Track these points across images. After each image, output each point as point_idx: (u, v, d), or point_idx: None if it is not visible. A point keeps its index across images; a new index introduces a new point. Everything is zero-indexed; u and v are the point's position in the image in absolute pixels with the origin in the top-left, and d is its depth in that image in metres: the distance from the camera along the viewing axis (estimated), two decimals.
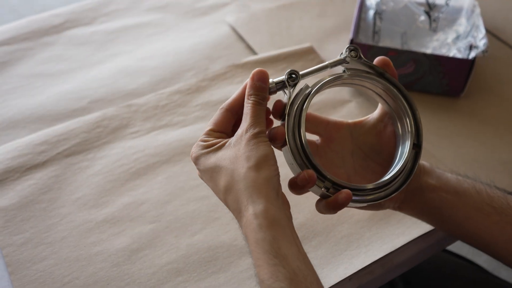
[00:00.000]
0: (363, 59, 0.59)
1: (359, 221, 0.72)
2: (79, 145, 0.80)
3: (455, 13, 0.98)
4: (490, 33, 1.04)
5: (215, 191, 0.55)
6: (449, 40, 0.96)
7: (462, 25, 0.97)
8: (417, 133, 0.60)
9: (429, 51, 0.95)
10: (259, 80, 0.55)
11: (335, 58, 0.59)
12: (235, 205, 0.52)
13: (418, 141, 0.60)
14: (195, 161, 0.56)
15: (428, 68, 0.88)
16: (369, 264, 0.68)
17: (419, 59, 0.87)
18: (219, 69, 0.94)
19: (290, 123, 0.55)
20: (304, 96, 0.56)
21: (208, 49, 0.99)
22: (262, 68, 0.56)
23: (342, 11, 1.08)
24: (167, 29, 1.04)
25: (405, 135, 0.60)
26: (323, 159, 0.62)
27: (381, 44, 0.97)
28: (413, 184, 0.60)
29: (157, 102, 0.87)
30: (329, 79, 0.58)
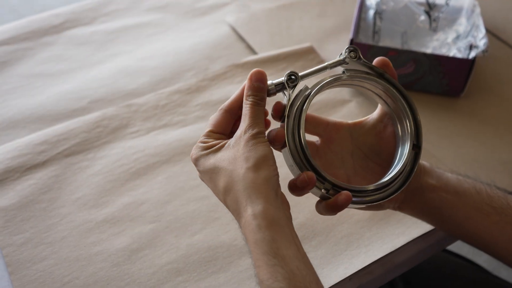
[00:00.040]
0: (363, 59, 0.59)
1: (359, 221, 0.72)
2: (79, 145, 0.80)
3: (455, 13, 0.98)
4: (490, 32, 1.04)
5: (214, 192, 0.56)
6: (449, 40, 0.96)
7: (462, 24, 0.97)
8: (416, 134, 0.60)
9: (429, 51, 0.95)
10: (257, 80, 0.55)
11: (335, 59, 0.59)
12: (235, 205, 0.52)
13: (417, 141, 0.59)
14: (195, 162, 0.56)
15: (428, 68, 0.88)
16: (369, 264, 0.68)
17: (419, 59, 0.87)
18: (219, 69, 0.94)
19: (289, 124, 0.55)
20: (303, 97, 0.56)
21: (208, 49, 0.99)
22: (262, 67, 0.56)
23: (342, 11, 1.08)
24: (167, 29, 1.04)
25: (404, 136, 0.60)
26: (323, 159, 0.62)
27: (381, 44, 0.97)
28: (413, 184, 0.60)
29: (157, 102, 0.87)
30: (329, 80, 0.57)
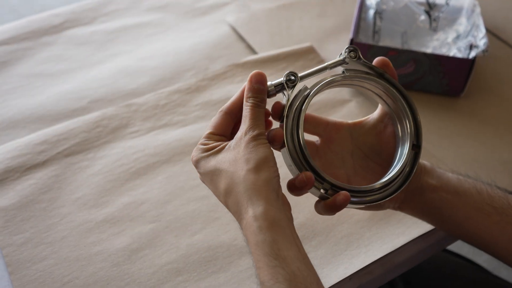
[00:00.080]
0: (363, 59, 0.59)
1: (359, 221, 0.72)
2: (79, 145, 0.80)
3: (455, 13, 0.98)
4: (490, 32, 1.04)
5: (216, 194, 0.56)
6: (449, 39, 0.96)
7: (462, 24, 0.97)
8: (416, 134, 0.60)
9: (429, 51, 0.95)
10: (257, 82, 0.55)
11: (335, 59, 0.59)
12: (236, 207, 0.52)
13: (417, 141, 0.59)
14: (196, 164, 0.56)
15: (428, 67, 0.88)
16: (369, 264, 0.68)
17: (419, 58, 0.87)
18: (219, 68, 0.94)
19: (288, 124, 0.55)
20: (303, 97, 0.56)
21: (208, 49, 0.99)
22: (262, 67, 0.56)
23: (342, 11, 1.08)
24: (167, 29, 1.04)
25: (404, 136, 0.60)
26: (322, 159, 0.62)
27: (381, 43, 0.97)
28: (413, 184, 0.60)
29: (156, 101, 0.87)
30: (328, 80, 0.57)
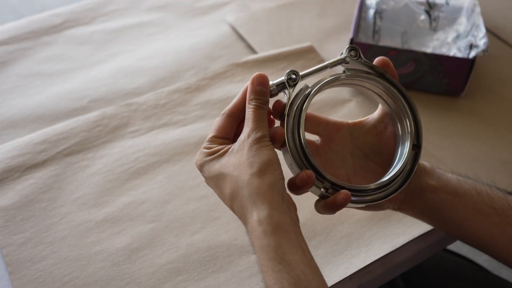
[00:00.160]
0: (363, 59, 0.59)
1: (360, 220, 0.72)
2: (78, 144, 0.80)
3: (455, 12, 0.98)
4: (490, 32, 1.04)
5: (221, 198, 0.55)
6: (449, 39, 0.96)
7: (462, 24, 0.97)
8: (416, 134, 0.60)
9: (429, 51, 0.95)
10: (259, 84, 0.55)
11: (335, 58, 0.59)
12: (241, 211, 0.52)
13: (417, 141, 0.59)
14: (200, 168, 0.56)
15: (428, 67, 0.88)
16: (370, 263, 0.68)
17: (419, 58, 0.87)
18: (219, 68, 0.93)
19: (289, 123, 0.55)
20: (303, 96, 0.56)
21: (208, 49, 0.99)
22: (262, 67, 0.56)
23: (342, 11, 1.08)
24: (167, 29, 1.04)
25: (404, 136, 0.60)
26: (323, 159, 0.62)
27: (381, 43, 0.97)
28: (413, 184, 0.60)
29: (156, 101, 0.87)
30: (329, 80, 0.57)
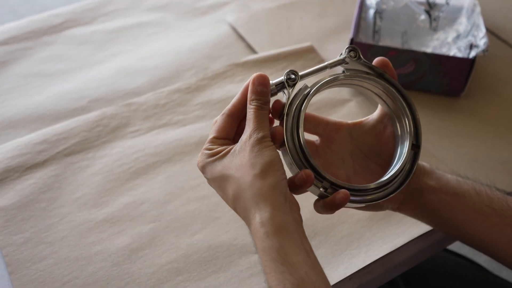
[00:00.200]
0: (363, 59, 0.59)
1: (360, 220, 0.72)
2: (79, 144, 0.80)
3: (456, 12, 0.98)
4: (490, 32, 1.04)
5: (224, 199, 0.55)
6: (450, 39, 0.96)
7: (462, 24, 0.97)
8: (416, 134, 0.60)
9: (429, 50, 0.95)
10: (260, 84, 0.54)
11: (335, 58, 0.59)
12: (244, 213, 0.52)
13: (417, 141, 0.59)
14: (202, 170, 0.56)
15: (428, 67, 0.88)
16: (370, 263, 0.68)
17: (419, 58, 0.87)
18: (219, 68, 0.94)
19: (288, 123, 0.55)
20: (303, 96, 0.56)
21: (208, 49, 0.99)
22: (262, 67, 0.56)
23: (342, 11, 1.08)
24: (167, 29, 1.04)
25: (404, 136, 0.60)
26: (322, 159, 0.62)
27: (382, 43, 0.97)
28: (412, 185, 0.60)
29: (156, 101, 0.87)
30: (328, 80, 0.57)
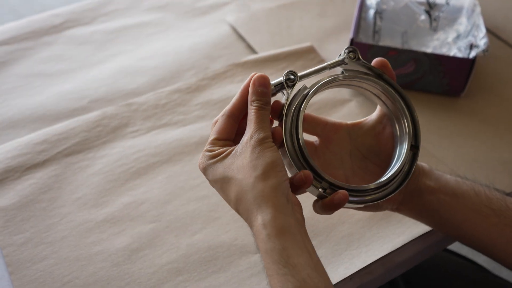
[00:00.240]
0: (362, 60, 0.59)
1: (360, 220, 0.72)
2: (79, 144, 0.80)
3: (456, 12, 0.98)
4: (490, 32, 1.04)
5: (226, 201, 0.55)
6: (450, 39, 0.96)
7: (462, 24, 0.97)
8: (414, 135, 0.60)
9: (429, 51, 0.95)
10: (261, 85, 0.54)
11: (334, 59, 0.59)
12: (246, 214, 0.52)
13: (416, 142, 0.59)
14: (203, 171, 0.56)
15: (428, 67, 0.88)
16: (370, 263, 0.68)
17: (419, 58, 0.87)
18: (219, 68, 0.94)
19: (287, 123, 0.55)
20: (302, 97, 0.56)
21: (208, 49, 0.99)
22: (262, 67, 0.56)
23: (342, 11, 1.08)
24: (167, 29, 1.04)
25: (403, 137, 0.60)
26: (321, 160, 0.62)
27: (382, 43, 0.97)
28: (411, 185, 0.60)
29: (157, 101, 0.87)
30: (327, 80, 0.58)
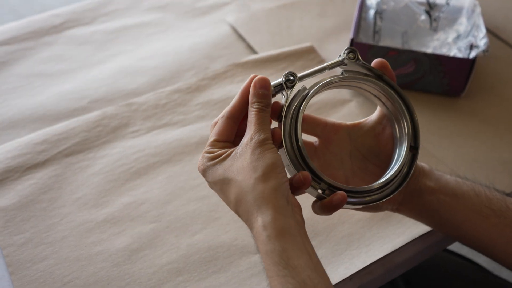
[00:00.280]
0: (361, 61, 0.59)
1: (360, 220, 0.72)
2: (79, 144, 0.80)
3: (456, 13, 0.98)
4: (490, 32, 1.04)
5: (226, 203, 0.55)
6: (450, 39, 0.96)
7: (462, 24, 0.97)
8: (414, 136, 0.60)
9: (429, 51, 0.95)
10: (262, 87, 0.54)
11: (333, 60, 0.59)
12: (246, 216, 0.52)
13: (415, 143, 0.59)
14: (203, 173, 0.56)
15: (428, 67, 0.88)
16: (370, 264, 0.68)
17: (419, 58, 0.87)
18: (219, 68, 0.94)
19: (286, 125, 0.55)
20: (301, 98, 0.56)
21: (208, 49, 0.99)
22: (262, 67, 0.56)
23: (342, 11, 1.08)
24: (167, 29, 1.04)
25: (402, 138, 0.60)
26: (321, 160, 0.62)
27: (382, 43, 0.97)
28: (411, 186, 0.60)
29: (157, 101, 0.87)
30: (327, 81, 0.58)
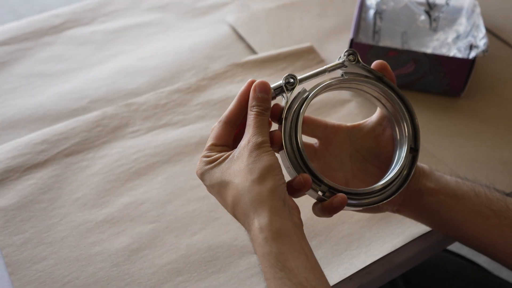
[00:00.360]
0: (361, 63, 0.59)
1: (360, 220, 0.72)
2: (79, 144, 0.80)
3: (456, 13, 0.98)
4: (490, 32, 1.04)
5: (223, 205, 0.55)
6: (450, 39, 0.96)
7: (462, 24, 0.97)
8: (414, 137, 0.60)
9: (429, 51, 0.95)
10: (261, 91, 0.55)
11: (333, 62, 0.59)
12: (243, 218, 0.52)
13: (415, 145, 0.60)
14: (201, 177, 0.56)
15: (428, 67, 0.88)
16: (370, 264, 0.68)
17: (419, 58, 0.87)
18: (219, 68, 0.94)
19: (287, 127, 0.55)
20: (301, 100, 0.56)
21: (208, 49, 0.99)
22: (262, 67, 0.56)
23: (342, 11, 1.08)
24: (167, 29, 1.04)
25: (402, 139, 0.60)
26: (321, 162, 0.62)
27: (382, 43, 0.97)
28: (411, 187, 0.60)
29: (157, 101, 0.87)
30: (327, 83, 0.58)
